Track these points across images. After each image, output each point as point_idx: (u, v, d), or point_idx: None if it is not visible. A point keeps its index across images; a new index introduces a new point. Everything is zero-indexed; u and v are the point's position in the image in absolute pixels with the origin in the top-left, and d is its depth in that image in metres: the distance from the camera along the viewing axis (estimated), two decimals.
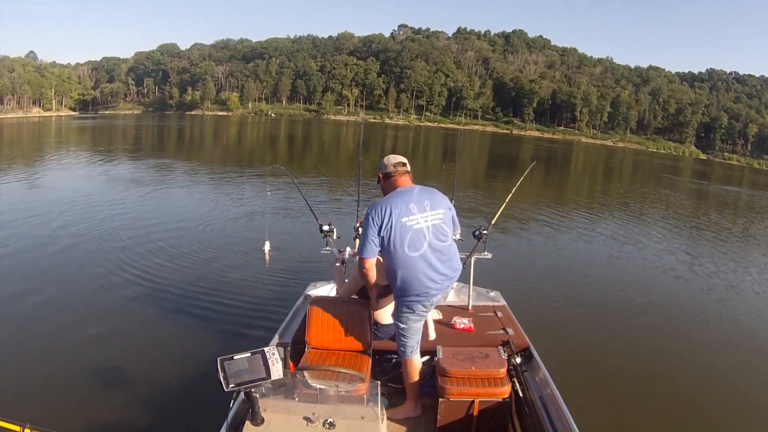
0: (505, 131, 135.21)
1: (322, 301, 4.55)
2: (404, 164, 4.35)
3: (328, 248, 6.03)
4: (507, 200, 6.40)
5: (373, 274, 4.30)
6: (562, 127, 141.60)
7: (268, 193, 18.61)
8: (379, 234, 4.08)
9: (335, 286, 5.88)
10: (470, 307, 5.72)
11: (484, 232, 5.68)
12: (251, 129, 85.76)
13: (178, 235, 12.53)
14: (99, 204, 16.17)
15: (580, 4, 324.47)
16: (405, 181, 4.31)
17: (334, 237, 6.11)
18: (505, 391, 4.11)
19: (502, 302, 5.99)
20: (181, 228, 13.36)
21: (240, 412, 3.42)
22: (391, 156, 4.41)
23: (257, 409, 3.06)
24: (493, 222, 6.02)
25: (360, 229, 5.08)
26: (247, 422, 3.07)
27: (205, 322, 7.83)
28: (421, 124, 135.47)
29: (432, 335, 4.99)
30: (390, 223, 4.06)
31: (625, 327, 8.82)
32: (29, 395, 5.66)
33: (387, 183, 4.33)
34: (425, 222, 4.13)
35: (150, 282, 9.40)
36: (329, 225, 6.10)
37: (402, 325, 4.29)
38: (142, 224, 13.59)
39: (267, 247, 11.03)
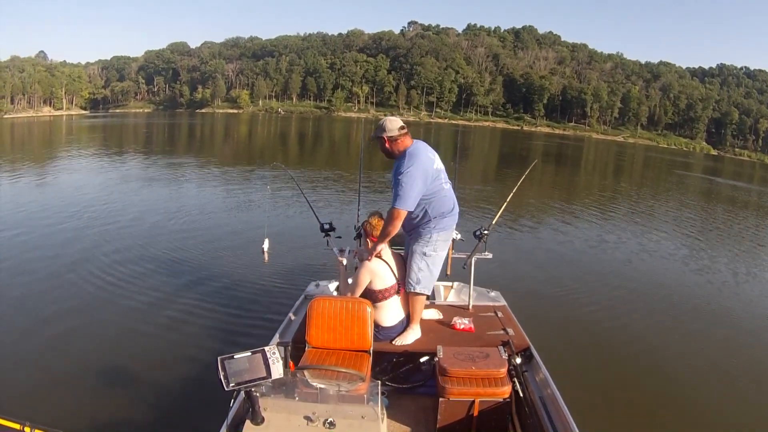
0: (516, 127, 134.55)
1: (323, 301, 4.53)
2: (404, 127, 4.95)
3: (328, 247, 6.01)
4: (507, 200, 6.41)
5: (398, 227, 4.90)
6: (572, 123, 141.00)
7: (268, 188, 18.61)
8: (424, 185, 4.74)
9: (336, 286, 5.90)
10: (470, 307, 5.71)
11: (485, 232, 5.67)
12: (261, 127, 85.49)
13: (179, 235, 12.51)
14: (99, 202, 16.21)
15: (590, 0, 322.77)
16: (408, 139, 4.94)
17: (335, 236, 6.11)
18: (506, 391, 4.13)
19: (503, 302, 5.98)
20: (182, 227, 13.34)
21: (240, 411, 3.43)
22: (392, 120, 4.96)
23: (257, 408, 3.07)
24: (493, 222, 6.02)
25: (361, 229, 5.27)
26: (248, 421, 3.09)
27: (205, 322, 7.80)
28: (431, 120, 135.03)
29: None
30: (431, 172, 4.80)
31: (627, 327, 8.78)
32: (29, 394, 5.66)
33: (393, 144, 4.89)
34: (440, 165, 4.96)
35: (149, 281, 9.36)
36: (330, 224, 6.08)
37: (434, 253, 4.92)
38: (144, 222, 13.65)
39: (266, 245, 10.98)
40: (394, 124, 4.89)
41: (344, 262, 5.47)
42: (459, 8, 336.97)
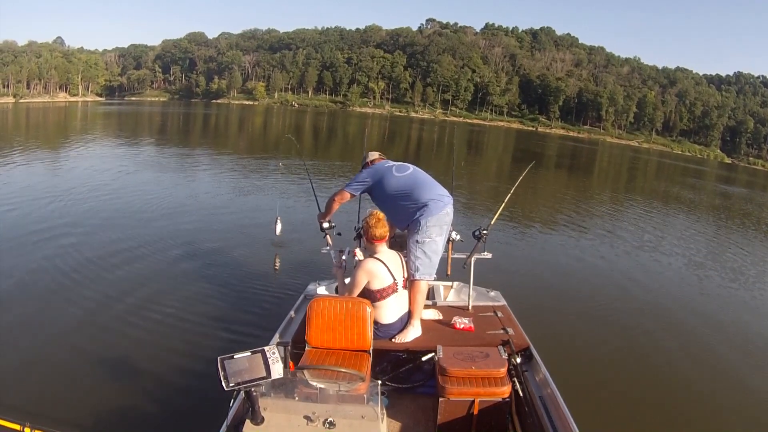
0: (531, 128, 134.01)
1: (322, 301, 4.54)
2: (382, 156, 5.75)
3: (327, 247, 6.06)
4: (506, 201, 6.40)
5: (337, 205, 5.65)
6: (587, 126, 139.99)
7: (280, 174, 18.51)
8: (369, 179, 5.41)
9: (336, 285, 5.93)
10: (470, 307, 5.71)
11: (484, 232, 5.70)
12: (276, 119, 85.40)
13: (179, 233, 12.19)
14: (101, 190, 16.25)
15: (609, 3, 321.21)
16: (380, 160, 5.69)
17: (335, 235, 6.15)
18: (505, 390, 4.16)
19: (503, 302, 5.98)
20: (183, 224, 13.08)
21: (240, 411, 3.45)
22: (373, 152, 5.77)
23: (257, 408, 3.08)
24: (492, 222, 6.03)
25: (360, 230, 5.34)
26: (247, 421, 3.10)
27: (205, 321, 7.72)
28: (446, 118, 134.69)
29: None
30: (377, 170, 5.43)
31: (626, 327, 8.77)
32: (29, 395, 5.63)
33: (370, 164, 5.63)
34: (407, 167, 5.48)
35: (150, 279, 9.19)
36: (330, 223, 6.09)
37: (428, 239, 5.09)
38: (144, 217, 13.39)
39: (279, 227, 10.73)
40: (373, 154, 5.72)
41: (341, 263, 5.49)
42: (477, 7, 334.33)
